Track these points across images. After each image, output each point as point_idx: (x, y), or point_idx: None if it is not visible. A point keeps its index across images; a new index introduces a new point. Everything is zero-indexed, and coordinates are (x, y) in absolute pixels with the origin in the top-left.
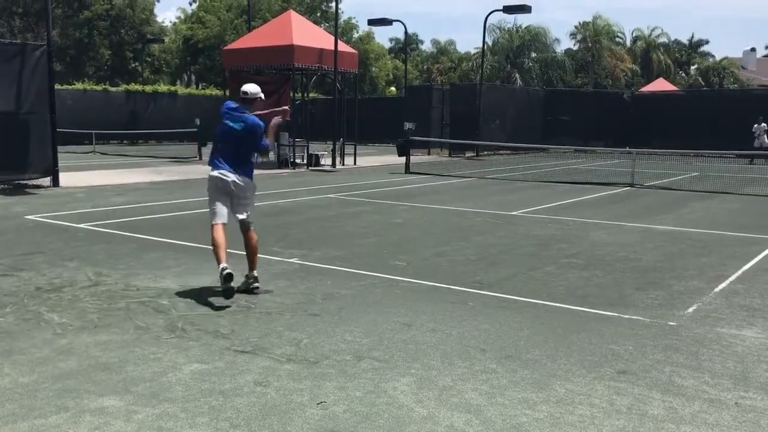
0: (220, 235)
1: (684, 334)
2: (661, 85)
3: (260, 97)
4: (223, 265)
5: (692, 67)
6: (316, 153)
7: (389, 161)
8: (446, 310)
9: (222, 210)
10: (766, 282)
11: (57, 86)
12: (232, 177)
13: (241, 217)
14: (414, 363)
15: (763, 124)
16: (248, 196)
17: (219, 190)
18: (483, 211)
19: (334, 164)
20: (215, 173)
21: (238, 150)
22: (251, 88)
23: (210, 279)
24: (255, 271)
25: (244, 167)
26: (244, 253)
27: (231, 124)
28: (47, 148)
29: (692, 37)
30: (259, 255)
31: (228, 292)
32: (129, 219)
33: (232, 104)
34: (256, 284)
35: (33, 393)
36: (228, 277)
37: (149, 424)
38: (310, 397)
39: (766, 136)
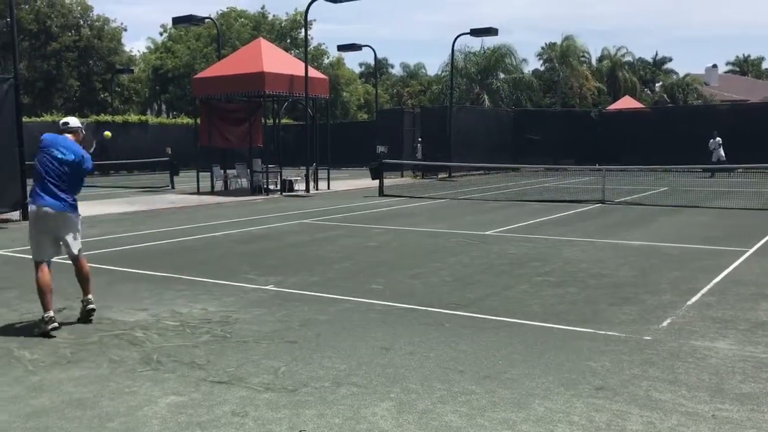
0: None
1: (659, 348)
2: (627, 102)
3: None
4: None
5: (657, 85)
6: (289, 179)
7: (363, 185)
8: (423, 332)
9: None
10: (736, 294)
11: (25, 119)
12: None
13: None
14: (393, 387)
15: (718, 139)
16: None
17: None
18: (457, 232)
19: (307, 189)
20: None
21: None
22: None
23: (185, 309)
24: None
25: None
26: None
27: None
28: (16, 182)
29: (656, 55)
30: (234, 283)
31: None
32: (100, 251)
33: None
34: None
35: None
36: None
37: None
38: (289, 426)
39: (721, 150)
